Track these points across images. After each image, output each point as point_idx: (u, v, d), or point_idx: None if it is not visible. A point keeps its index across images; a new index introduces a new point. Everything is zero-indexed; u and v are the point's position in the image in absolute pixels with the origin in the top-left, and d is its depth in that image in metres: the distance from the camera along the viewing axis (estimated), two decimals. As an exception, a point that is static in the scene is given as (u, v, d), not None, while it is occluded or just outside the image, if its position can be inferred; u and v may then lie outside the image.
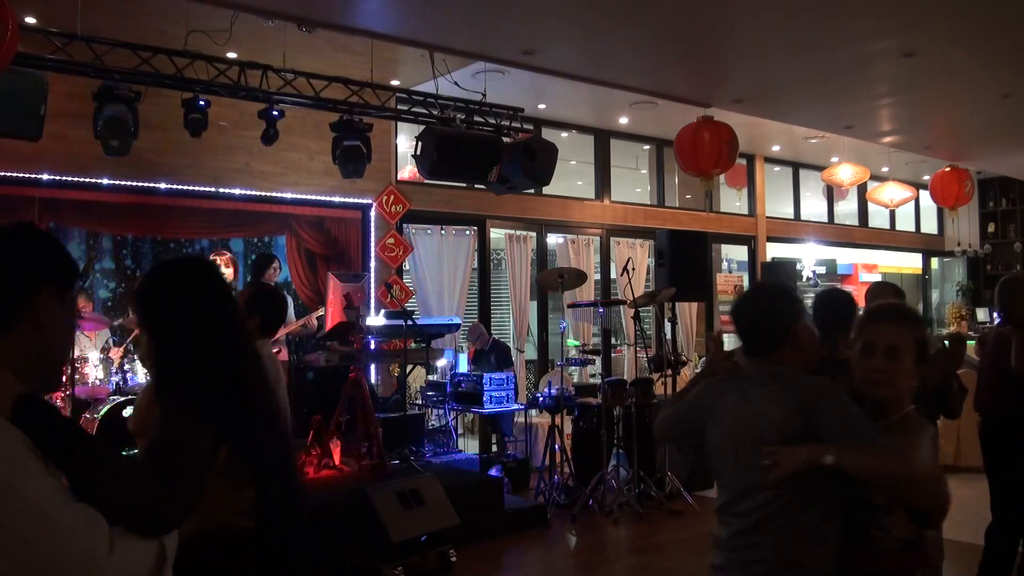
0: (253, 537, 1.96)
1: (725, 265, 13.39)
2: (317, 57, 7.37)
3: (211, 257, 6.38)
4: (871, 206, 13.70)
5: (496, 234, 10.42)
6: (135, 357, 6.86)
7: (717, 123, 7.67)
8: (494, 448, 8.53)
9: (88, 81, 6.10)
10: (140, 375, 6.73)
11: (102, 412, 6.38)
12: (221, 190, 8.11)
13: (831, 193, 13.64)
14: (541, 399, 7.82)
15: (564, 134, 10.59)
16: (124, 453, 1.93)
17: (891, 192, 12.08)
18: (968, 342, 9.51)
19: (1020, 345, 4.44)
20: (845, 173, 11.08)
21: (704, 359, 6.11)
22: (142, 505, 1.55)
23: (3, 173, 7.02)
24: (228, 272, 6.20)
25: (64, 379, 6.44)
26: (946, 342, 3.93)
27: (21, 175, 7.12)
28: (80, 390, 6.36)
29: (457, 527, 5.51)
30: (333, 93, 7.14)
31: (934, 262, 16.01)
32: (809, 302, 3.35)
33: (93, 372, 6.56)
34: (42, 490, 1.39)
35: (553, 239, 10.96)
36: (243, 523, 1.94)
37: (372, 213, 9.03)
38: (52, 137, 6.24)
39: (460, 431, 8.97)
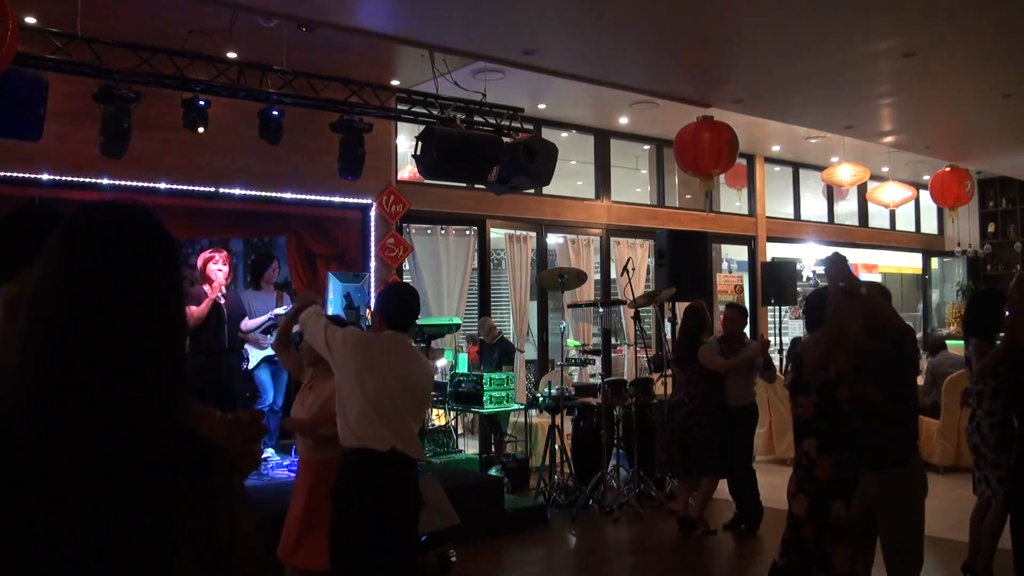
0: None
1: (725, 265, 13.39)
2: (317, 57, 7.37)
3: (210, 253, 6.40)
4: (871, 206, 13.70)
5: (496, 234, 10.42)
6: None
7: (717, 123, 7.66)
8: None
9: (88, 81, 6.10)
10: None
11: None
12: (221, 190, 8.10)
13: (831, 193, 13.64)
14: (541, 399, 7.81)
15: (564, 134, 10.58)
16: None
17: (891, 192, 12.08)
18: (948, 343, 9.55)
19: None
20: (845, 173, 11.07)
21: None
22: None
23: (3, 173, 7.00)
24: (225, 270, 6.20)
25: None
26: None
27: (21, 175, 7.10)
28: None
29: (457, 527, 5.50)
30: (333, 93, 7.14)
31: (934, 262, 16.01)
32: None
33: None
34: None
35: (553, 239, 10.96)
36: None
37: (372, 213, 9.02)
38: (52, 137, 6.24)
39: (460, 431, 8.97)
